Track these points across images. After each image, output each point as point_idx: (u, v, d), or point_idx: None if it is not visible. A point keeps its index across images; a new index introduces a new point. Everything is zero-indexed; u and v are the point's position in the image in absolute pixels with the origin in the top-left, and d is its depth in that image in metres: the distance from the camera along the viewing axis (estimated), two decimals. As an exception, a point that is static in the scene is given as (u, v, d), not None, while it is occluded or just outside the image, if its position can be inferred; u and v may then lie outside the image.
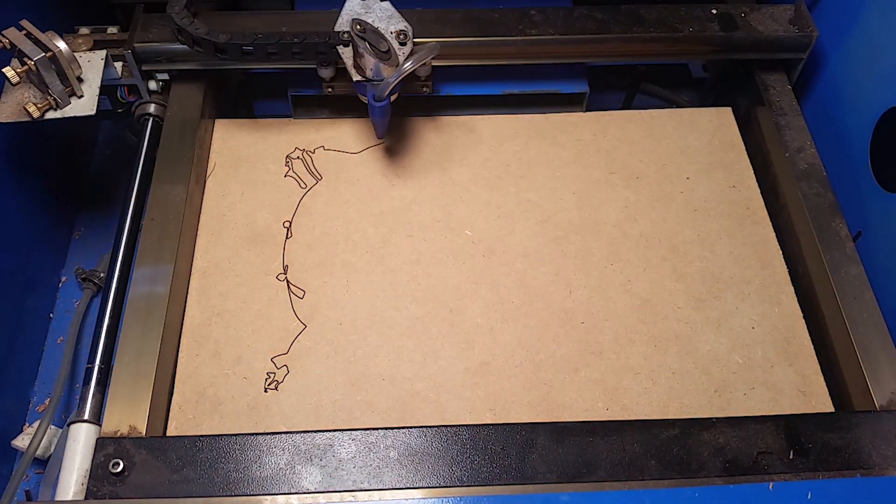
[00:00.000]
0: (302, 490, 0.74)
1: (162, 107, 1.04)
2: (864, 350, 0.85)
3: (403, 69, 0.90)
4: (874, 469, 0.76)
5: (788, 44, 1.05)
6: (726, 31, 1.04)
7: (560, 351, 0.89)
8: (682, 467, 0.76)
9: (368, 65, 0.91)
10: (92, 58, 0.98)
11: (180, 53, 1.00)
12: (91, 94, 0.94)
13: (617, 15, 1.04)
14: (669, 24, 1.04)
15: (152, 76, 1.04)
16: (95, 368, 0.84)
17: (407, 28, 0.95)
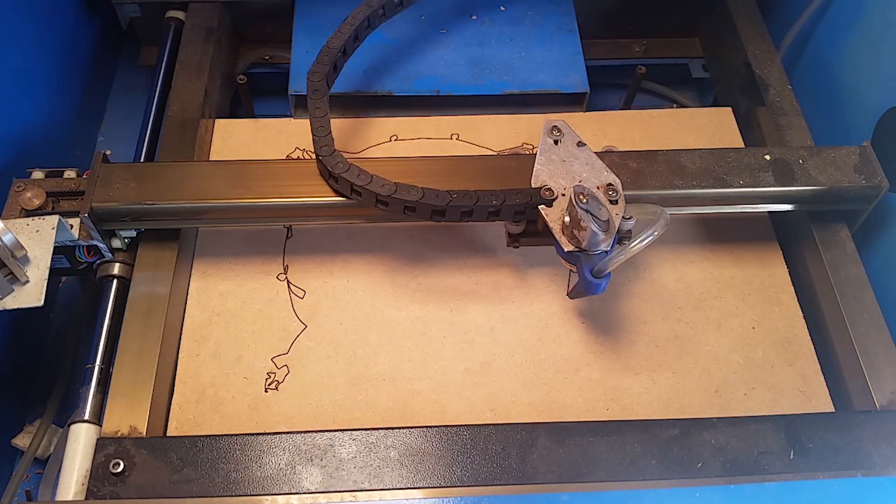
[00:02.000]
0: (302, 490, 0.74)
1: (128, 266, 0.90)
2: (864, 350, 0.85)
3: (632, 249, 0.75)
4: (875, 469, 0.76)
5: (853, 195, 0.90)
6: (783, 182, 0.88)
7: (560, 351, 0.89)
8: (682, 467, 0.76)
9: (586, 236, 0.78)
10: (41, 227, 0.82)
11: (148, 212, 0.86)
12: (38, 280, 0.80)
13: (654, 164, 0.89)
14: (716, 176, 0.88)
15: (115, 234, 0.89)
16: (95, 368, 0.84)
17: (616, 182, 0.83)
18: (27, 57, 1.06)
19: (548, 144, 0.85)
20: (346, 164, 0.83)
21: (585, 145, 0.85)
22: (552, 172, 0.83)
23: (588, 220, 0.76)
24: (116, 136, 1.28)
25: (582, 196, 0.77)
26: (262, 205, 0.87)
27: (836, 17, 1.08)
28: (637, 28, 1.29)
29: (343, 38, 0.95)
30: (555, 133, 0.86)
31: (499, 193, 0.81)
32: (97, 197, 0.85)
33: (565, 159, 0.84)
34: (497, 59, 1.13)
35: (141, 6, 1.20)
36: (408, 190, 0.81)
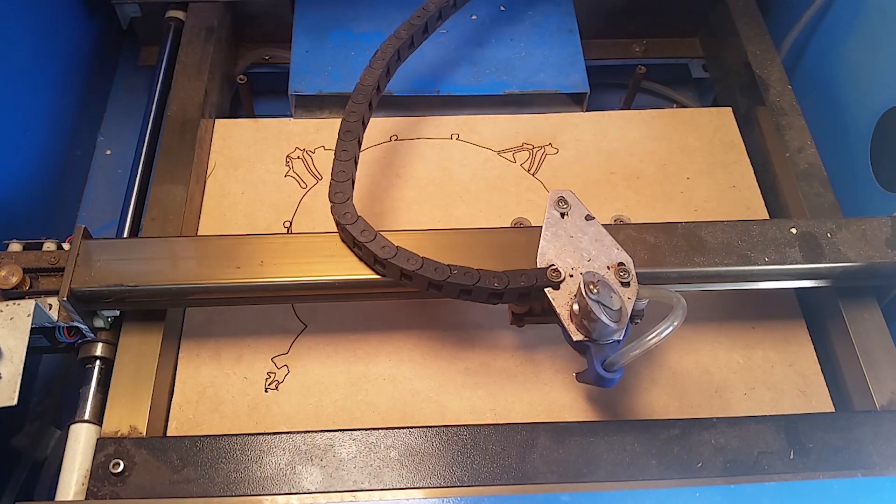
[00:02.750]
0: (302, 490, 0.74)
1: (112, 346, 0.84)
2: (864, 350, 0.85)
3: (648, 343, 0.69)
4: (875, 469, 0.76)
5: (885, 272, 0.85)
6: (810, 258, 0.82)
7: (560, 351, 0.89)
8: (682, 467, 0.76)
9: (596, 327, 0.72)
10: (16, 314, 0.75)
11: (132, 293, 0.80)
12: (12, 375, 0.73)
13: (673, 238, 0.83)
14: (739, 252, 0.82)
15: (97, 314, 0.83)
16: (95, 368, 0.84)
17: (628, 262, 0.76)
18: (27, 57, 1.06)
19: (554, 218, 0.79)
20: (355, 216, 0.78)
21: (594, 219, 0.79)
22: (559, 250, 0.77)
23: (599, 312, 0.70)
24: (116, 136, 1.28)
25: (592, 286, 0.71)
26: (253, 285, 0.81)
27: (836, 17, 1.08)
28: (637, 28, 1.29)
29: (376, 75, 0.91)
30: (561, 205, 0.80)
31: (502, 275, 0.75)
32: (77, 278, 0.78)
33: (573, 235, 0.78)
34: (497, 59, 1.13)
35: (141, 6, 1.20)
36: (406, 258, 0.76)
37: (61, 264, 0.80)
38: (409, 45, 0.96)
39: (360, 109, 0.88)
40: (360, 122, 0.87)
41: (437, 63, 1.13)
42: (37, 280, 0.81)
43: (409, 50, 0.97)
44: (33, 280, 0.81)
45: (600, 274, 0.74)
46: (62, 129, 1.15)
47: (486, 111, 1.11)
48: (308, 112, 1.12)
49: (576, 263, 0.76)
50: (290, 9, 1.19)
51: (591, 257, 0.77)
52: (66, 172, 1.17)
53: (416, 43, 0.97)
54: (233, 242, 0.83)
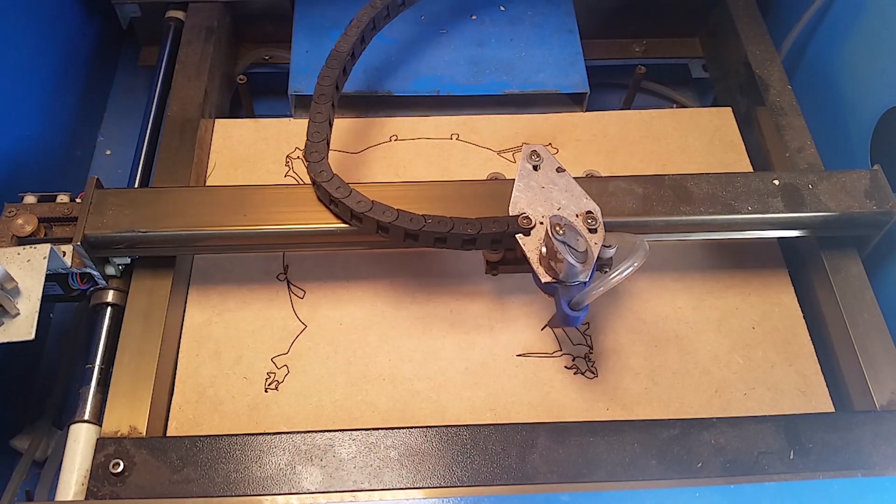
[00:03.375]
0: (302, 490, 0.74)
1: (122, 293, 0.88)
2: (864, 350, 0.85)
3: (610, 281, 0.73)
4: (875, 469, 0.76)
5: (864, 221, 0.88)
6: (792, 208, 0.86)
7: (560, 351, 0.89)
8: (682, 467, 0.76)
9: (562, 268, 0.75)
10: (32, 256, 0.79)
11: (143, 239, 0.84)
12: (29, 312, 0.77)
13: (660, 189, 0.86)
14: (723, 202, 0.86)
15: (109, 261, 0.87)
16: (95, 368, 0.84)
17: (595, 210, 0.80)
18: (27, 57, 1.06)
19: (526, 170, 0.83)
20: (330, 174, 0.83)
21: (565, 171, 0.83)
22: (530, 199, 0.81)
23: (564, 251, 0.74)
24: (116, 136, 1.28)
25: (558, 227, 0.75)
26: (260, 232, 0.85)
27: (836, 18, 1.08)
28: (637, 28, 1.29)
29: (351, 42, 0.94)
30: (534, 158, 0.83)
31: (475, 221, 0.79)
32: (90, 224, 0.82)
33: (544, 185, 0.82)
34: (497, 59, 1.13)
35: (141, 6, 1.20)
36: (382, 211, 0.79)
37: (74, 214, 0.85)
38: (386, 16, 0.99)
39: (334, 74, 0.92)
40: (333, 86, 0.92)
41: (437, 63, 1.13)
42: (51, 229, 0.85)
43: (385, 20, 1.00)
44: (48, 229, 0.85)
45: (568, 219, 0.78)
46: (62, 130, 1.15)
47: (486, 111, 1.11)
48: (308, 112, 1.12)
49: (546, 211, 0.80)
50: (290, 9, 1.19)
51: (560, 206, 0.80)
52: (66, 172, 1.17)
53: (391, 14, 1.01)
54: (240, 192, 0.87)
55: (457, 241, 0.79)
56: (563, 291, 0.76)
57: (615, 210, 0.85)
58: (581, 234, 0.76)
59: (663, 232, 0.87)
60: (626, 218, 0.85)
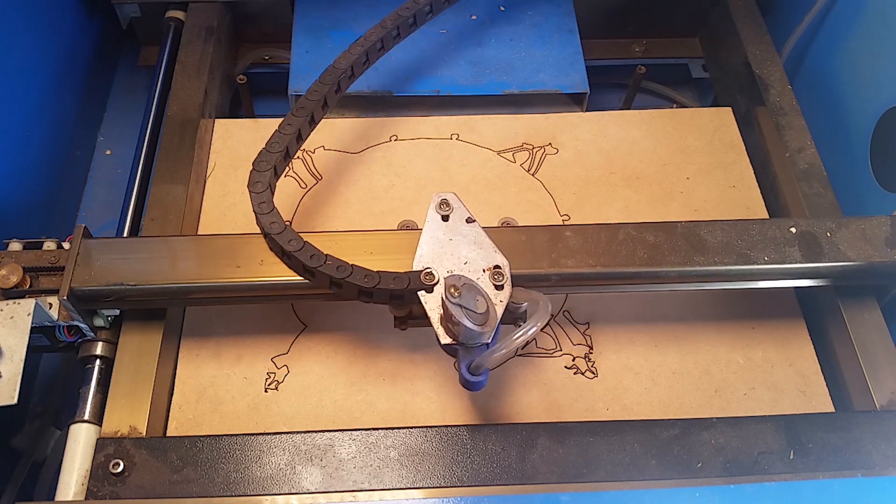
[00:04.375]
0: (302, 490, 0.74)
1: (112, 345, 0.84)
2: (864, 350, 0.85)
3: (513, 343, 0.69)
4: (875, 469, 0.76)
5: (884, 271, 0.84)
6: (810, 258, 0.82)
7: (560, 351, 0.89)
8: (682, 467, 0.76)
9: (461, 331, 0.71)
10: (16, 313, 0.75)
11: (132, 293, 0.80)
12: (12, 374, 0.72)
13: (673, 237, 0.82)
14: (738, 251, 0.82)
15: (97, 313, 0.83)
16: (95, 368, 0.84)
17: (504, 265, 0.76)
18: (27, 57, 1.06)
19: (435, 221, 0.78)
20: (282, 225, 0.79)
21: (475, 222, 0.79)
22: (436, 253, 0.76)
23: (459, 315, 0.69)
24: (116, 136, 1.28)
25: (453, 289, 0.70)
26: (256, 284, 0.80)
27: (836, 18, 1.08)
28: (637, 28, 1.29)
29: (351, 59, 0.91)
30: (444, 208, 0.79)
31: (374, 274, 0.75)
32: (77, 277, 0.78)
33: (452, 238, 0.77)
34: (497, 59, 1.14)
35: (141, 6, 1.20)
36: (310, 255, 0.76)
37: (61, 263, 0.80)
38: (395, 36, 0.97)
39: (323, 90, 0.89)
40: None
41: (437, 63, 1.13)
42: (37, 279, 0.81)
43: (395, 40, 0.98)
44: (33, 279, 0.81)
45: (467, 277, 0.74)
46: (62, 130, 1.15)
47: (486, 111, 1.11)
48: (308, 112, 1.12)
49: (452, 266, 0.76)
50: (290, 9, 1.19)
51: (468, 260, 0.76)
52: (66, 172, 1.18)
53: (402, 34, 0.98)
54: (233, 242, 0.83)
55: (352, 290, 0.75)
56: (463, 354, 0.72)
57: (625, 260, 0.81)
58: (482, 294, 0.72)
59: (676, 282, 0.83)
60: (637, 268, 0.81)
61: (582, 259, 0.81)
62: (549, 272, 0.80)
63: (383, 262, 0.77)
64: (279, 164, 0.85)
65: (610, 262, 0.81)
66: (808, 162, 0.99)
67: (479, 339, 0.72)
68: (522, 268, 0.80)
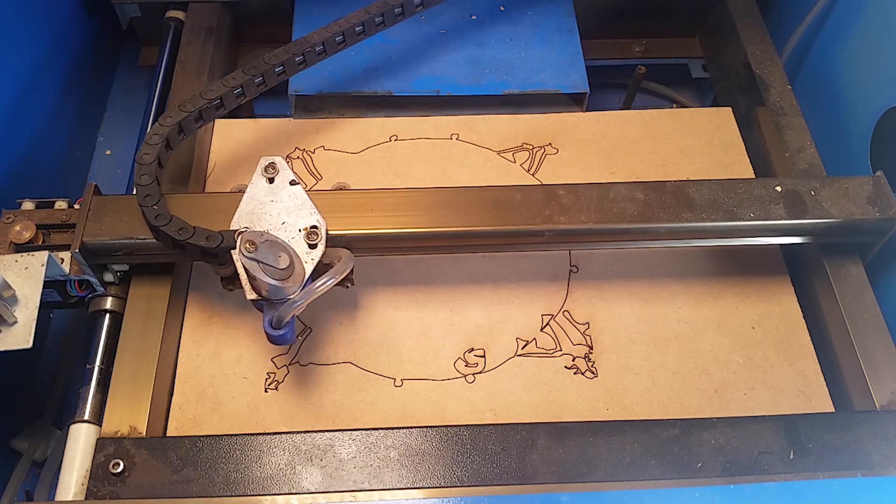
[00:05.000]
0: (302, 490, 0.74)
1: (121, 300, 0.87)
2: (864, 350, 0.85)
3: (312, 291, 0.73)
4: (875, 469, 0.76)
5: (866, 228, 0.88)
6: (794, 215, 0.85)
7: (560, 351, 0.89)
8: (682, 467, 0.76)
9: (264, 286, 0.73)
10: (30, 264, 0.79)
11: (141, 246, 0.83)
12: (27, 320, 0.76)
13: (662, 195, 0.85)
14: (725, 208, 0.85)
15: (107, 268, 0.86)
16: (95, 368, 0.84)
17: (319, 224, 0.78)
18: (27, 57, 1.06)
19: (260, 183, 0.80)
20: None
21: (298, 184, 0.81)
22: (256, 214, 0.79)
23: (254, 269, 0.71)
24: (116, 136, 1.28)
25: (249, 244, 0.72)
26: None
27: (836, 19, 1.08)
28: (637, 28, 1.29)
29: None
30: (269, 171, 0.81)
31: (188, 228, 0.77)
32: (88, 232, 0.82)
33: (273, 199, 0.79)
34: (497, 59, 1.13)
35: (141, 6, 1.20)
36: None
37: (73, 221, 0.84)
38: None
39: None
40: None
41: (437, 63, 1.13)
42: (49, 236, 0.84)
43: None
44: (45, 236, 0.84)
45: (271, 234, 0.76)
46: (62, 129, 1.15)
47: (486, 111, 1.11)
48: (308, 112, 1.12)
49: (269, 226, 0.78)
50: (290, 9, 1.19)
51: (285, 221, 0.78)
52: (66, 172, 1.18)
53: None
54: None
55: (168, 243, 0.79)
56: (268, 309, 0.74)
57: (616, 217, 0.84)
58: (287, 251, 0.74)
59: (665, 239, 0.86)
60: (627, 224, 0.84)
61: (574, 216, 0.84)
62: (543, 228, 0.84)
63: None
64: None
65: (601, 219, 0.84)
66: (808, 162, 0.99)
67: (282, 295, 0.74)
68: (517, 224, 0.84)
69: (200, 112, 0.88)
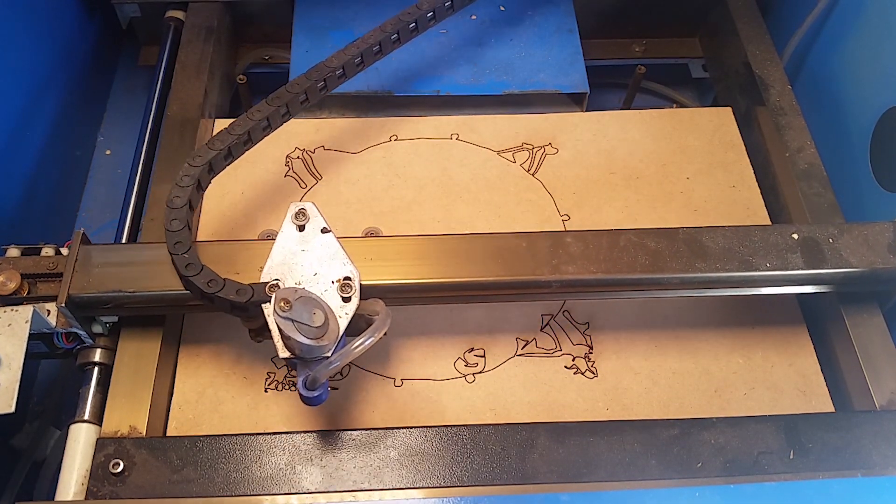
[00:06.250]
0: (302, 490, 0.74)
1: (110, 352, 0.84)
2: (864, 350, 0.85)
3: (350, 353, 0.68)
4: (875, 469, 0.76)
5: (887, 277, 0.84)
6: (812, 265, 0.82)
7: (560, 351, 0.89)
8: (682, 467, 0.76)
9: (298, 345, 0.69)
10: (13, 320, 0.75)
11: (130, 300, 0.79)
12: (10, 383, 0.72)
13: (674, 244, 0.82)
14: (740, 258, 0.82)
15: (96, 320, 0.83)
16: (94, 374, 0.84)
17: (353, 275, 0.74)
18: (27, 57, 1.06)
19: (290, 231, 0.77)
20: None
21: (330, 232, 0.77)
22: (287, 265, 0.75)
23: (289, 329, 0.68)
24: (116, 136, 1.28)
25: (284, 303, 0.68)
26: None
27: (837, 19, 1.08)
28: (637, 28, 1.29)
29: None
30: (300, 218, 0.77)
31: (218, 281, 0.74)
32: (75, 284, 0.78)
33: (305, 249, 0.76)
34: (497, 58, 1.14)
35: (141, 6, 1.20)
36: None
37: (59, 270, 0.80)
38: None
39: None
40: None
41: (437, 63, 1.13)
42: (35, 286, 0.80)
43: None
44: (31, 286, 0.80)
45: (305, 290, 0.72)
46: (62, 130, 1.15)
47: (486, 111, 1.11)
48: (308, 112, 1.12)
49: (300, 278, 0.75)
50: (290, 9, 1.19)
51: (317, 272, 0.75)
52: (66, 172, 1.18)
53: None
54: (232, 248, 0.82)
55: (197, 294, 0.75)
56: (301, 368, 0.71)
57: (627, 267, 0.81)
58: (321, 307, 0.70)
59: (678, 289, 0.83)
60: (639, 275, 0.81)
61: (583, 265, 0.81)
62: (551, 279, 0.80)
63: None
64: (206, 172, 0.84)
65: (611, 269, 0.81)
66: (808, 162, 0.99)
67: (317, 353, 0.70)
68: (523, 274, 0.80)
69: (230, 149, 0.85)
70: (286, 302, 0.68)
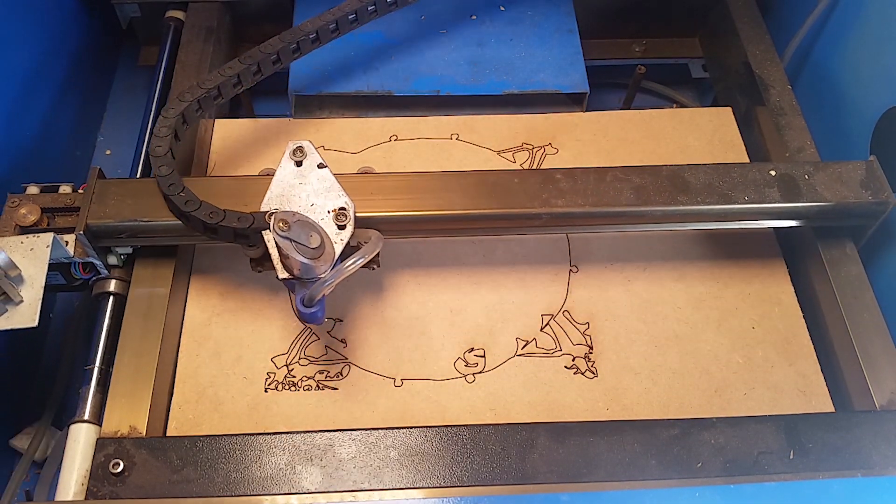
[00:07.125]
0: (302, 490, 0.74)
1: (124, 283, 0.89)
2: (864, 350, 0.85)
3: (343, 270, 0.75)
4: (875, 469, 0.76)
5: (859, 212, 0.89)
6: (788, 198, 0.87)
7: (560, 351, 0.89)
8: (681, 467, 0.76)
9: (296, 265, 0.75)
10: (35, 245, 0.80)
11: (145, 229, 0.84)
12: (33, 299, 0.77)
13: (658, 179, 0.87)
14: (720, 192, 0.86)
15: (111, 251, 0.88)
16: (95, 369, 0.84)
17: (347, 205, 0.80)
18: (27, 57, 1.06)
19: (288, 166, 0.82)
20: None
21: (326, 167, 0.82)
22: (285, 196, 0.80)
23: (288, 248, 0.73)
24: (116, 136, 1.28)
25: (283, 224, 0.73)
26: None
27: (837, 19, 1.08)
28: (637, 28, 1.29)
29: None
30: (297, 154, 0.82)
31: (219, 211, 0.79)
32: (92, 214, 0.83)
33: (302, 182, 0.81)
34: (497, 59, 1.13)
35: (141, 6, 1.20)
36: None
37: (77, 204, 0.85)
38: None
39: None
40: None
41: (437, 63, 1.13)
42: (53, 219, 0.86)
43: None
44: (50, 219, 0.86)
45: (302, 214, 0.77)
46: (62, 130, 1.15)
47: (486, 111, 1.11)
48: (308, 112, 1.12)
49: (298, 208, 0.80)
50: (290, 9, 1.19)
51: (314, 202, 0.80)
52: (67, 173, 1.17)
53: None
54: (242, 182, 0.87)
55: (199, 226, 0.81)
56: (299, 288, 0.76)
57: (612, 200, 0.85)
58: (317, 231, 0.76)
59: (660, 222, 0.88)
60: (623, 208, 0.85)
61: (571, 199, 0.85)
62: (540, 211, 0.85)
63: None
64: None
65: (598, 202, 0.85)
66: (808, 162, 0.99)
67: (314, 274, 0.76)
68: (515, 207, 0.85)
69: (199, 102, 0.90)
70: (284, 223, 0.74)
